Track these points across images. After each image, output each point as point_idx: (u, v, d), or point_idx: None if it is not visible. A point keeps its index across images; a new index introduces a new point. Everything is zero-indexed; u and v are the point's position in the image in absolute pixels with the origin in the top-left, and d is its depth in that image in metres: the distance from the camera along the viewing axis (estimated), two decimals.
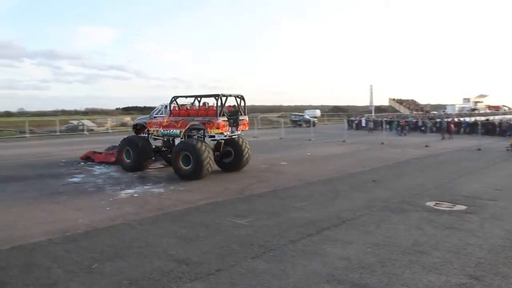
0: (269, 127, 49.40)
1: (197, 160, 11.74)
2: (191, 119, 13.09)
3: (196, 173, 11.86)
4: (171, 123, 13.60)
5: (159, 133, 14.08)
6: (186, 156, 12.07)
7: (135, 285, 4.69)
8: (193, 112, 13.46)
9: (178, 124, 13.36)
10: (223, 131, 12.56)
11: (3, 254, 5.83)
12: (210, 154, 12.13)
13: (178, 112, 13.68)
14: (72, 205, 8.95)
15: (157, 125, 14.06)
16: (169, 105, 13.82)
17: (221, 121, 12.43)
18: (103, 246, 6.08)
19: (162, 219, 7.63)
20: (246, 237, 6.46)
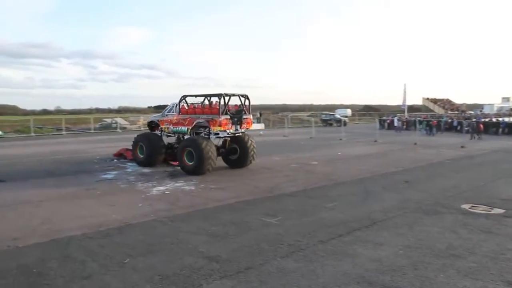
0: (299, 126, 49.23)
1: (199, 157, 12.35)
2: (197, 117, 13.70)
3: (198, 169, 12.47)
4: (179, 121, 14.25)
5: (170, 130, 14.79)
6: (190, 152, 12.72)
7: (166, 280, 4.78)
8: (199, 111, 14.01)
9: (186, 121, 13.99)
10: (225, 128, 13.07)
11: (42, 246, 6.07)
12: (213, 151, 12.69)
13: (186, 111, 14.35)
14: (105, 201, 9.20)
15: (168, 123, 14.81)
16: (178, 104, 14.45)
17: (223, 119, 12.94)
18: (135, 242, 6.22)
19: (193, 216, 7.73)
20: (275, 236, 6.46)
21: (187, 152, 12.83)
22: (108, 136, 30.46)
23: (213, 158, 12.66)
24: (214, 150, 12.86)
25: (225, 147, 14.21)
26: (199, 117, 13.65)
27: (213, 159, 12.66)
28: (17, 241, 6.28)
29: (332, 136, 28.98)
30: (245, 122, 13.81)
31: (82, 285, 4.66)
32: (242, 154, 14.07)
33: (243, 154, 14.05)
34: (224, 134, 13.39)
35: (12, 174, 12.99)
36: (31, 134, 36.96)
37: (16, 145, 25.56)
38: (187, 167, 12.79)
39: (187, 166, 12.79)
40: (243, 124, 13.75)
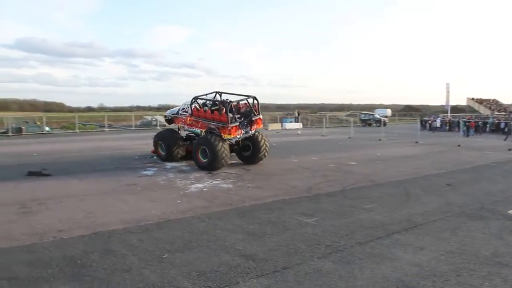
0: (337, 126, 48.67)
1: (212, 154, 12.99)
2: (208, 123, 14.33)
3: (212, 165, 13.09)
4: (193, 123, 15.02)
5: (185, 129, 15.65)
6: (204, 150, 13.37)
7: (203, 277, 4.82)
8: (210, 116, 14.43)
9: (199, 124, 14.75)
10: (235, 135, 13.74)
11: (85, 239, 6.28)
12: (225, 148, 13.28)
13: (198, 113, 14.86)
14: (145, 196, 9.43)
15: (182, 122, 15.62)
16: (190, 106, 15.10)
17: (233, 127, 13.55)
18: (174, 238, 6.33)
19: (230, 214, 7.78)
20: (312, 236, 6.40)
21: (201, 149, 13.48)
22: (148, 133, 31.14)
23: (226, 156, 13.27)
24: (227, 148, 13.42)
25: (239, 145, 14.84)
26: (210, 122, 14.23)
27: (226, 157, 13.27)
28: (62, 233, 6.55)
29: (371, 137, 28.45)
30: (255, 123, 14.34)
31: (123, 278, 4.78)
32: (254, 151, 14.70)
33: (255, 151, 14.67)
34: (235, 139, 14.08)
35: (58, 168, 13.57)
36: (76, 130, 38.50)
37: (62, 141, 26.69)
38: (201, 164, 13.43)
39: (202, 163, 13.44)
40: (253, 126, 14.29)
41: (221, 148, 13.07)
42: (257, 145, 14.57)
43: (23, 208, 8.21)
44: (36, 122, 40.08)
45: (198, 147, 13.66)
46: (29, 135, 32.69)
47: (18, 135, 32.53)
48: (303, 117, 53.47)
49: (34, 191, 10.03)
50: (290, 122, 46.69)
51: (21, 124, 36.30)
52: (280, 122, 46.76)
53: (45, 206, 8.45)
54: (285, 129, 41.44)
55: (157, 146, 15.94)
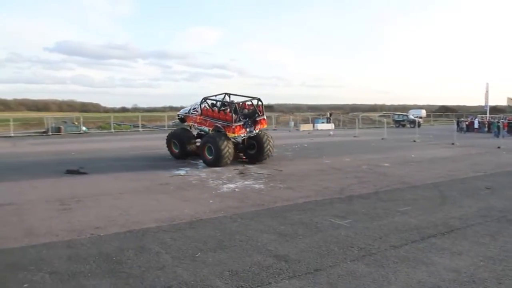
0: (370, 126, 47.92)
1: (217, 151, 13.92)
2: (215, 122, 15.21)
3: (216, 162, 14.02)
4: (202, 122, 15.94)
5: (195, 128, 16.53)
6: (209, 147, 14.31)
7: (236, 276, 4.84)
8: (216, 115, 15.36)
9: (207, 123, 15.65)
10: (239, 134, 14.64)
11: (120, 236, 6.44)
12: (229, 146, 14.16)
13: (207, 113, 15.80)
14: (178, 196, 9.57)
15: (193, 121, 16.55)
16: (200, 105, 16.06)
17: (237, 126, 14.44)
18: (206, 237, 6.39)
19: (262, 214, 7.78)
20: (345, 238, 6.31)
21: (207, 147, 14.42)
22: None
23: (229, 154, 14.14)
24: (231, 146, 14.31)
25: (244, 143, 15.65)
26: (217, 121, 15.12)
27: (229, 155, 14.15)
28: (98, 230, 6.74)
29: (405, 138, 27.85)
30: (259, 123, 15.24)
31: (157, 275, 4.86)
32: (259, 149, 15.35)
33: (260, 149, 15.32)
34: (239, 138, 15.02)
35: (94, 167, 14.02)
36: (111, 130, 39.54)
37: (98, 140, 27.47)
38: (208, 161, 14.36)
39: (208, 159, 14.38)
40: (257, 126, 15.17)
41: (225, 146, 13.98)
42: (262, 144, 15.21)
43: (63, 205, 8.51)
44: (74, 122, 41.48)
45: (205, 145, 14.61)
46: (67, 135, 33.84)
47: (57, 135, 33.73)
48: (335, 118, 52.98)
49: (72, 188, 10.39)
50: (322, 123, 46.37)
51: (60, 124, 37.69)
52: (312, 122, 46.49)
53: (82, 203, 8.73)
54: (317, 130, 41.16)
55: (170, 144, 16.78)
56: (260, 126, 15.34)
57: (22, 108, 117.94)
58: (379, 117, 61.49)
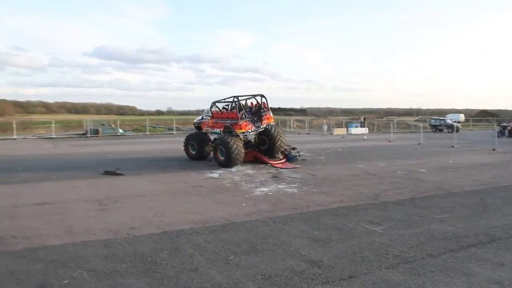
0: (405, 131, 46.85)
1: (227, 152, 14.71)
2: (224, 121, 16.19)
3: (228, 162, 14.80)
4: (214, 124, 16.90)
5: (209, 132, 17.30)
6: (221, 149, 15.12)
7: (268, 280, 4.83)
8: (225, 116, 16.33)
9: (218, 125, 16.58)
10: (246, 129, 15.49)
11: (155, 237, 6.56)
12: (238, 145, 14.90)
13: (217, 115, 16.75)
14: (211, 198, 9.66)
15: (207, 126, 17.43)
16: (210, 110, 17.07)
17: (243, 123, 15.37)
18: (239, 240, 6.41)
19: (295, 218, 7.74)
20: (380, 245, 6.18)
21: (219, 149, 15.23)
22: None
23: (240, 153, 14.89)
24: (240, 146, 15.05)
25: (256, 140, 16.55)
26: (226, 121, 16.10)
27: (239, 154, 14.89)
28: (134, 230, 6.89)
29: (442, 143, 27.04)
30: (265, 118, 16.08)
31: (190, 277, 4.92)
32: (270, 144, 16.09)
33: (271, 144, 16.05)
34: (250, 135, 15.88)
35: (130, 168, 14.37)
36: (147, 132, 40.40)
37: (134, 143, 28.11)
38: (220, 161, 15.12)
39: (220, 160, 15.13)
40: (263, 121, 16.01)
41: (235, 146, 14.73)
42: (273, 139, 15.96)
43: (101, 205, 8.77)
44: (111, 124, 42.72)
45: (216, 148, 15.46)
46: (105, 137, 34.82)
47: (95, 137, 34.77)
48: (369, 122, 52.12)
49: (110, 189, 10.68)
50: (355, 127, 45.69)
51: (98, 127, 38.89)
52: (345, 127, 45.92)
53: (119, 204, 8.96)
54: (350, 134, 40.60)
55: (188, 145, 17.57)
56: (267, 121, 16.14)
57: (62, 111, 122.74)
58: (415, 121, 60.01)
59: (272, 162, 15.69)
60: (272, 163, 15.61)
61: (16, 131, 33.52)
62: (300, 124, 58.05)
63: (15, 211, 8.29)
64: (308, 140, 30.99)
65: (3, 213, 8.15)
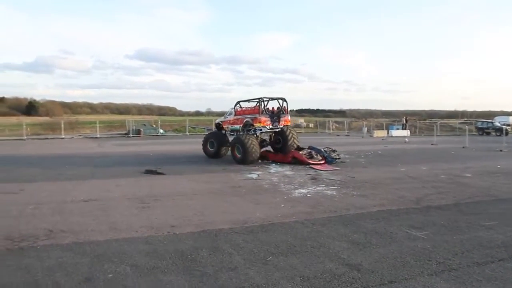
0: (450, 134, 45.31)
1: (244, 150, 15.92)
2: (245, 117, 17.39)
3: (244, 159, 16.01)
4: (235, 121, 18.11)
5: (229, 129, 18.52)
6: (238, 147, 16.37)
7: (307, 282, 4.80)
8: (247, 112, 17.63)
9: (238, 121, 17.80)
10: (265, 125, 16.76)
11: (195, 235, 6.67)
12: (254, 144, 16.08)
13: (239, 113, 18.03)
14: (250, 199, 9.70)
15: (228, 123, 18.65)
16: (234, 108, 18.39)
17: (262, 118, 16.68)
18: (277, 241, 6.40)
19: (334, 221, 7.64)
20: (422, 250, 5.99)
21: (236, 147, 16.49)
22: None
23: (255, 150, 16.04)
24: (256, 144, 16.21)
25: (271, 140, 17.95)
26: (246, 117, 17.30)
27: (255, 151, 16.04)
28: (174, 228, 7.03)
29: (489, 147, 25.91)
30: (283, 120, 17.36)
31: (229, 276, 4.96)
32: (284, 143, 17.30)
33: (285, 142, 17.26)
34: (265, 129, 16.96)
35: (170, 168, 14.69)
36: (186, 133, 41.12)
37: (174, 143, 28.69)
38: (237, 158, 16.39)
39: (237, 157, 16.39)
40: (281, 122, 17.29)
41: (251, 144, 15.90)
42: (286, 138, 17.16)
43: (142, 203, 9.01)
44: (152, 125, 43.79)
45: (234, 146, 16.74)
46: (146, 137, 35.76)
47: (137, 137, 35.79)
48: (411, 124, 50.76)
49: (151, 188, 10.96)
50: (396, 129, 44.62)
51: (139, 127, 39.96)
52: (386, 129, 44.94)
53: (160, 202, 9.17)
54: (391, 136, 39.69)
55: (206, 143, 18.89)
56: (284, 122, 17.43)
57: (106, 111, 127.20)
58: (460, 124, 57.83)
59: (311, 163, 15.60)
60: (312, 164, 15.51)
61: (64, 131, 35.04)
62: (339, 126, 57.37)
63: (64, 207, 8.67)
64: (347, 142, 30.55)
65: (54, 208, 8.54)
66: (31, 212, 8.18)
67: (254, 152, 15.96)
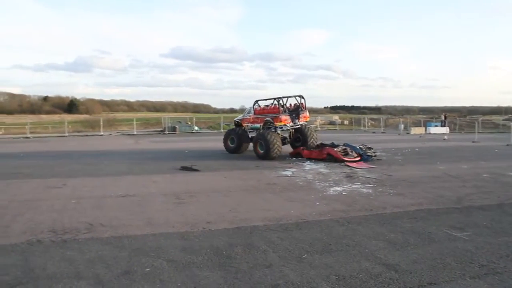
0: (493, 131, 43.62)
1: (266, 146, 16.43)
2: (265, 116, 17.87)
3: (267, 155, 16.50)
4: (255, 120, 18.55)
5: (249, 128, 18.94)
6: (260, 143, 16.87)
7: (343, 281, 4.73)
8: (267, 111, 18.09)
9: (259, 120, 18.26)
10: (285, 123, 17.31)
11: (230, 232, 6.71)
12: (277, 141, 16.56)
13: (259, 111, 18.49)
14: (285, 196, 9.66)
15: (247, 122, 19.09)
16: (252, 107, 18.89)
17: (283, 117, 17.24)
18: (312, 239, 6.34)
19: (370, 220, 7.49)
20: (464, 252, 5.78)
21: (259, 143, 16.96)
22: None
23: (278, 146, 16.50)
24: (278, 140, 16.69)
25: (290, 137, 18.43)
26: (267, 116, 17.77)
27: (277, 147, 16.49)
28: (210, 225, 7.10)
29: None
30: (302, 116, 17.84)
31: (264, 273, 4.96)
32: (303, 141, 17.88)
33: (304, 140, 17.84)
34: (286, 127, 17.50)
35: (205, 164, 14.86)
36: (221, 130, 41.43)
37: (208, 140, 29.00)
38: (260, 154, 16.91)
39: (260, 153, 16.91)
40: (300, 119, 17.79)
41: (273, 140, 16.37)
42: (306, 136, 17.79)
43: (178, 199, 9.15)
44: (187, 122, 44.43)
45: (257, 142, 17.21)
46: (181, 134, 36.35)
47: (173, 133, 36.44)
48: (450, 121, 49.16)
49: (186, 184, 11.12)
50: (435, 126, 43.29)
51: (175, 124, 40.70)
52: (423, 126, 43.72)
53: (195, 198, 9.28)
54: (429, 134, 38.59)
55: (227, 139, 19.49)
56: (303, 119, 17.95)
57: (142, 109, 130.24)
58: (504, 120, 55.55)
59: (346, 160, 15.38)
60: (347, 161, 15.29)
61: (103, 128, 36.09)
62: (375, 123, 56.32)
63: (103, 202, 8.94)
64: (383, 139, 29.93)
65: (94, 203, 8.82)
66: (73, 207, 8.48)
67: (276, 148, 16.44)
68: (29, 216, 7.67)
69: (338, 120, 66.86)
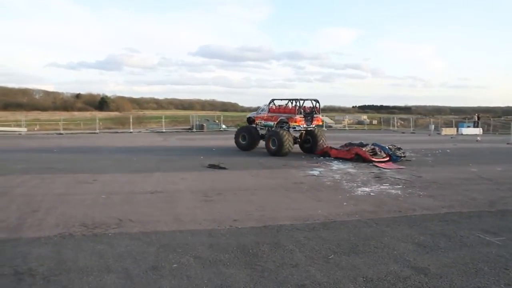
0: None
1: (279, 142, 17.02)
2: (280, 115, 18.45)
3: (278, 151, 17.08)
4: (268, 118, 19.04)
5: (262, 124, 19.45)
6: (273, 140, 17.39)
7: (370, 283, 4.66)
8: (282, 110, 18.75)
9: (273, 118, 18.76)
10: (299, 124, 17.78)
11: (256, 230, 6.72)
12: (290, 139, 17.18)
13: (273, 110, 19.07)
14: (312, 195, 9.61)
15: (261, 119, 19.58)
16: (268, 105, 19.37)
17: (298, 117, 17.71)
18: (339, 239, 6.28)
19: (398, 221, 7.36)
20: (497, 258, 5.59)
21: (272, 140, 17.49)
22: None
23: (290, 144, 17.12)
24: (291, 138, 17.30)
25: (301, 138, 18.78)
26: (282, 115, 18.35)
27: (289, 145, 17.12)
28: (236, 223, 7.13)
29: None
30: (315, 120, 18.44)
31: (290, 272, 4.95)
32: (313, 143, 18.37)
33: (313, 143, 18.34)
34: (300, 128, 17.92)
35: (232, 163, 14.94)
36: None
37: None
38: (271, 151, 17.43)
39: (272, 150, 17.44)
40: (313, 122, 18.36)
41: (286, 138, 16.97)
42: (316, 138, 18.23)
43: (205, 197, 9.24)
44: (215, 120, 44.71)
45: (269, 138, 17.74)
46: (209, 132, 36.64)
47: (201, 131, 36.76)
48: (483, 122, 47.67)
49: (214, 182, 11.20)
50: (467, 127, 42.07)
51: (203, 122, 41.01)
52: (455, 126, 42.56)
53: (222, 196, 9.34)
54: (461, 135, 37.54)
55: (239, 137, 19.93)
56: (316, 122, 18.53)
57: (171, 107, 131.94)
58: None
59: (375, 160, 15.15)
60: (375, 161, 15.06)
61: (132, 125, 36.75)
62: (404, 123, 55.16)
63: (132, 198, 9.11)
64: (413, 140, 29.30)
65: (123, 199, 9.01)
66: (103, 202, 8.69)
67: (288, 145, 17.05)
68: (61, 210, 7.91)
69: (366, 120, 65.91)
